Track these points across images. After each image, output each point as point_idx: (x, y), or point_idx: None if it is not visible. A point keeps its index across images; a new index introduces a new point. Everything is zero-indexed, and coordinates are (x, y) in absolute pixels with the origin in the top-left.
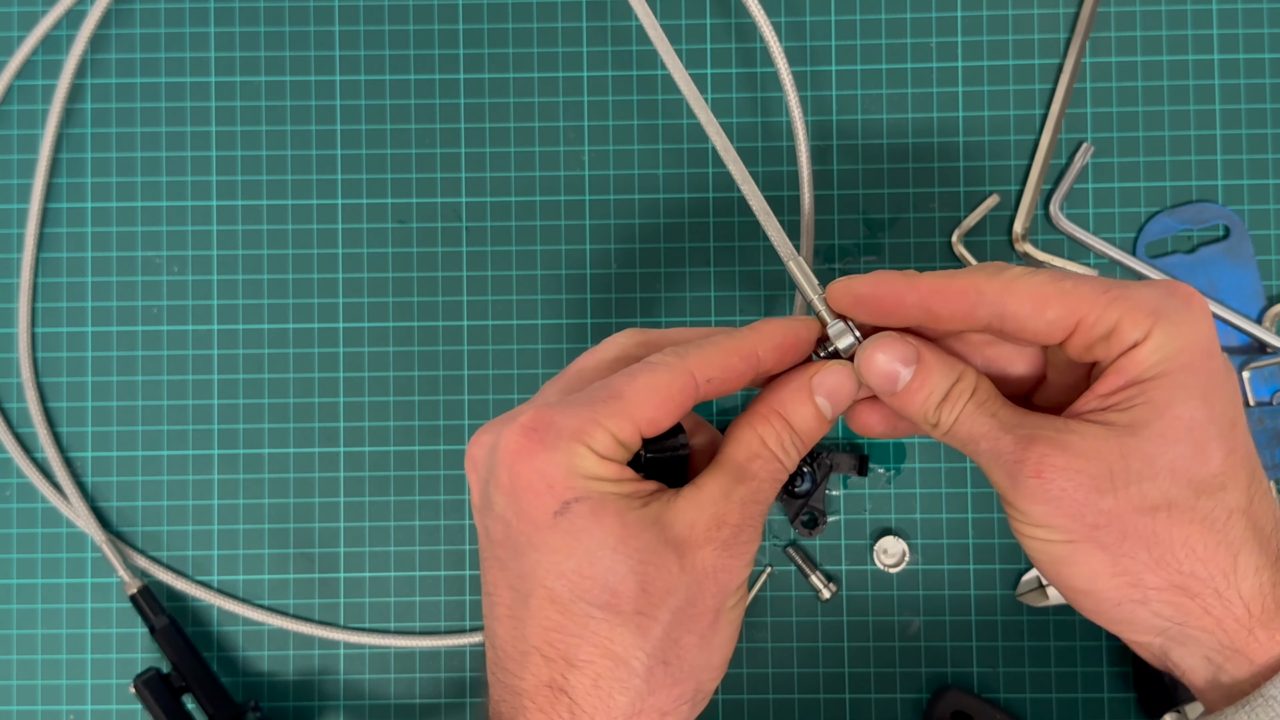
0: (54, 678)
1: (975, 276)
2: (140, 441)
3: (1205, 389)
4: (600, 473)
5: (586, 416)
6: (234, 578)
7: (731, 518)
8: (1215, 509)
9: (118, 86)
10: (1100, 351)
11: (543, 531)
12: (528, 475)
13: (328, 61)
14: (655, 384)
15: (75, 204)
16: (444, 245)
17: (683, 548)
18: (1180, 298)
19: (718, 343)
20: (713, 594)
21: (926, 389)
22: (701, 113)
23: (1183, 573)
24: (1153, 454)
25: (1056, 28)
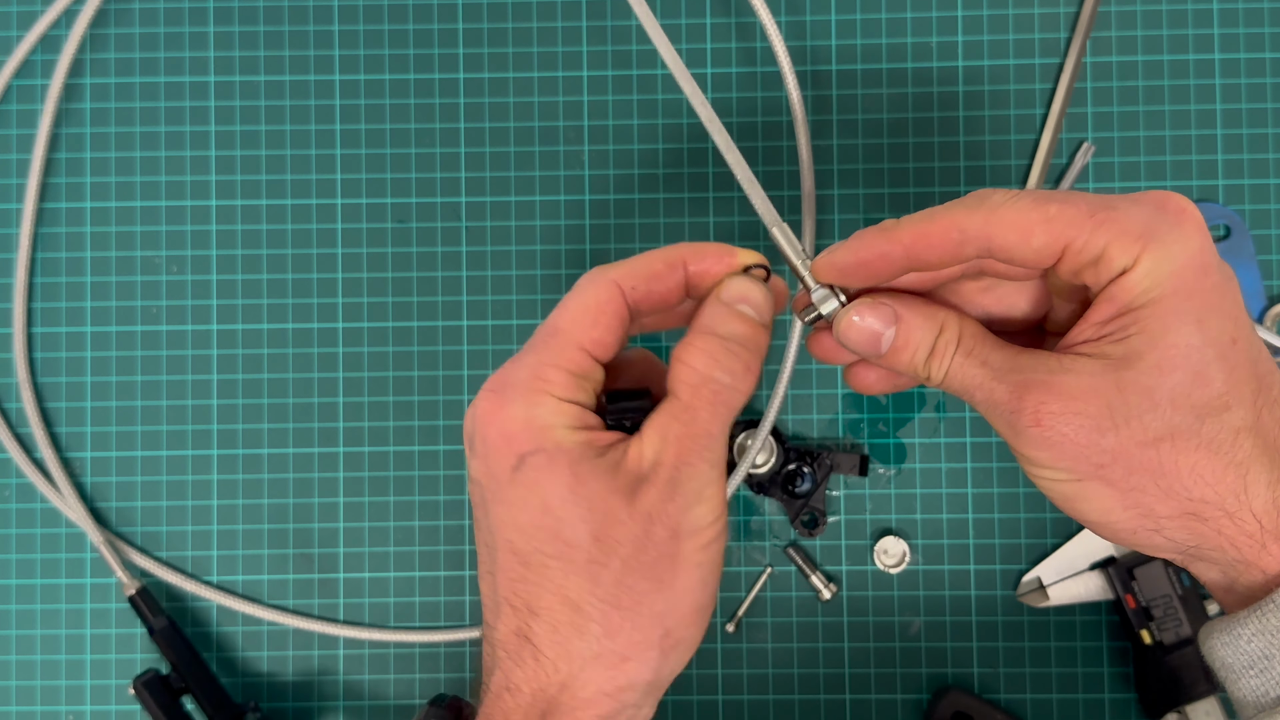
0: (53, 678)
1: (955, 214)
2: (139, 442)
3: (1200, 311)
4: (559, 419)
5: (535, 363)
6: (233, 578)
7: (667, 456)
8: (1220, 431)
9: (117, 86)
10: (1089, 277)
11: (504, 487)
12: (492, 436)
13: (327, 61)
14: (585, 304)
15: (74, 204)
16: (444, 245)
17: (630, 492)
18: (1171, 214)
19: (642, 254)
20: (664, 537)
21: (911, 346)
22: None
23: (1192, 499)
24: (1151, 386)
25: (1057, 27)
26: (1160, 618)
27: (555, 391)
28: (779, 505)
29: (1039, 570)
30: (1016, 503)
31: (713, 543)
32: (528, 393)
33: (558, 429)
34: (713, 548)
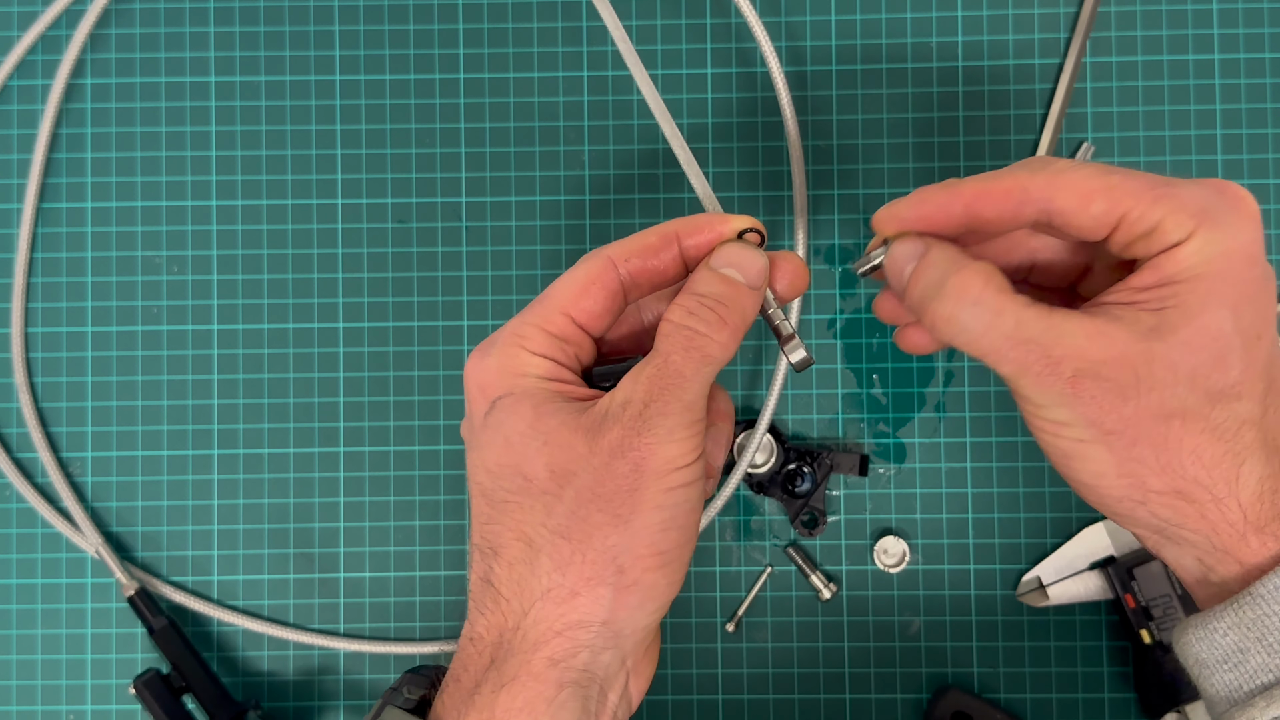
0: (54, 678)
1: (1019, 175)
2: (140, 441)
3: (1238, 298)
4: (530, 368)
5: (517, 323)
6: (234, 577)
7: (637, 394)
8: (1228, 419)
9: (117, 86)
10: (1140, 249)
11: (478, 432)
12: (471, 388)
13: (328, 61)
14: (575, 275)
15: (75, 204)
16: (444, 245)
17: (592, 430)
18: (1229, 199)
19: (637, 234)
20: (626, 472)
21: (922, 281)
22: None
23: (1186, 478)
24: (1177, 361)
25: (1057, 27)
26: (1160, 617)
27: (530, 346)
28: (779, 505)
29: (1039, 570)
30: (1016, 502)
31: (682, 487)
32: (505, 346)
33: (528, 376)
34: (681, 493)
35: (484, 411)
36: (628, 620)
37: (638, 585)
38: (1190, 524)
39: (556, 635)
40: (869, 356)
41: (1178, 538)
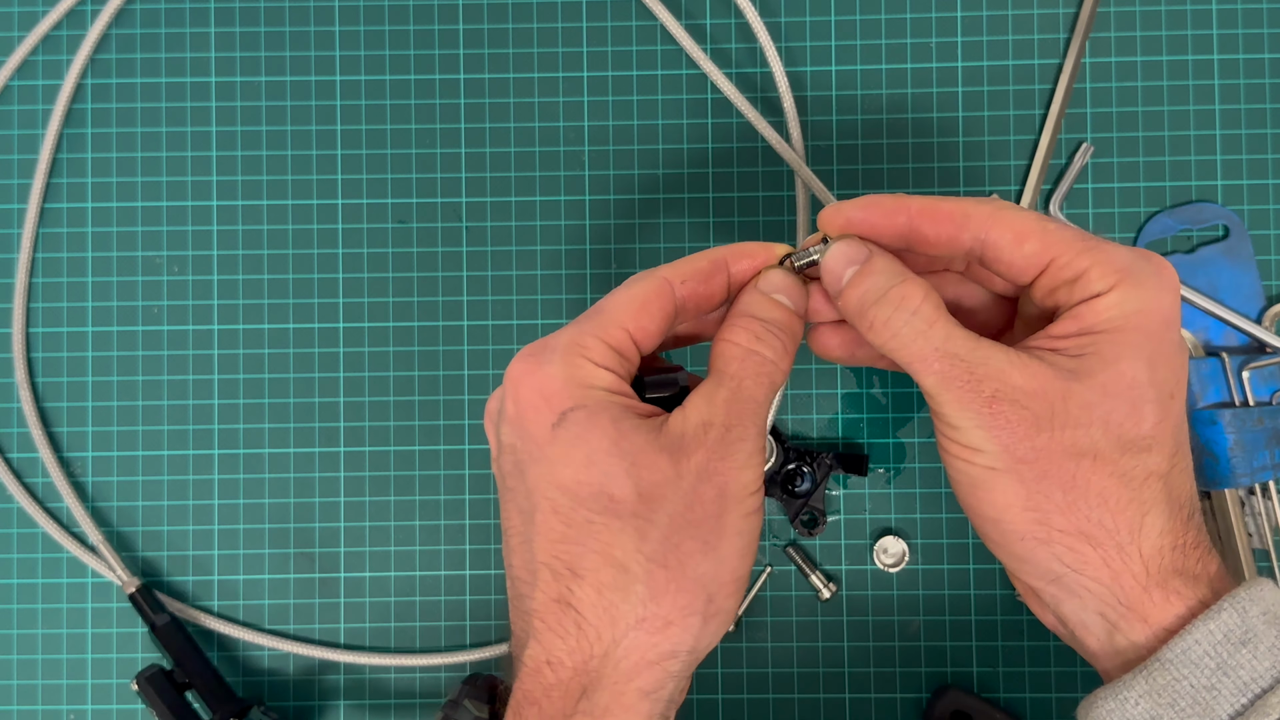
0: (54, 677)
1: (964, 202)
2: (141, 441)
3: (1153, 354)
4: (596, 379)
5: (575, 332)
6: (234, 577)
7: (717, 417)
8: (1136, 468)
9: (118, 86)
10: (1063, 295)
11: (543, 445)
12: (528, 395)
13: (328, 61)
14: (633, 293)
15: (75, 204)
16: (444, 245)
17: (675, 452)
18: (1154, 265)
19: (690, 258)
20: (712, 498)
21: (865, 284)
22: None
23: (1091, 521)
24: (1092, 403)
25: (1056, 28)
26: None
27: (593, 357)
28: (779, 505)
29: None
30: None
31: (754, 514)
32: (566, 355)
33: (597, 389)
34: (755, 518)
35: (550, 422)
36: (707, 647)
37: (721, 613)
38: (1091, 570)
39: (650, 666)
40: None
41: (1078, 588)
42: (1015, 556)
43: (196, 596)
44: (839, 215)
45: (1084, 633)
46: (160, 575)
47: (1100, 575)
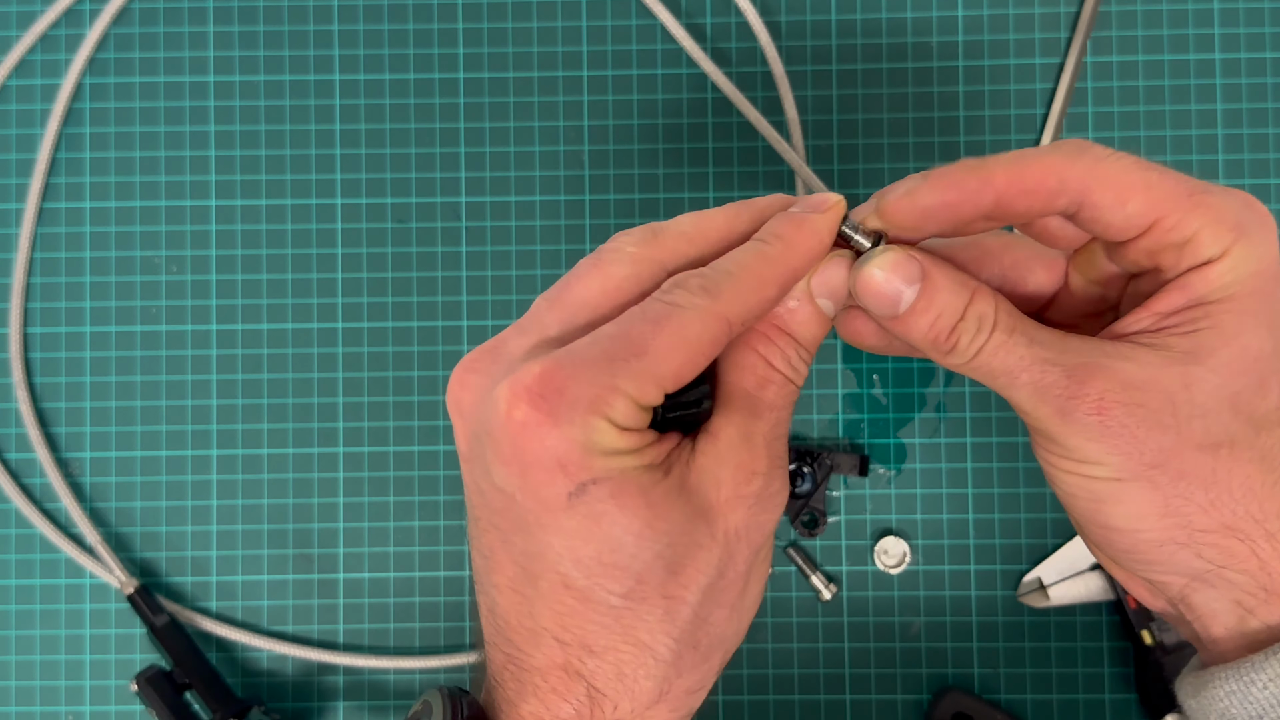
0: (53, 679)
1: (1053, 159)
2: (139, 442)
3: (1273, 317)
4: (619, 446)
5: (605, 383)
6: (233, 578)
7: (760, 464)
8: (1274, 446)
9: (116, 86)
10: (1168, 259)
11: (555, 513)
12: (536, 452)
13: (327, 61)
14: (685, 335)
15: (74, 204)
16: (444, 245)
17: (712, 514)
18: (1259, 213)
19: (752, 272)
20: (744, 557)
21: (934, 311)
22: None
23: (1237, 514)
24: (1218, 385)
25: (1057, 27)
26: (1161, 618)
27: (618, 419)
28: None
29: (1039, 570)
30: (1017, 503)
31: (770, 548)
32: (587, 414)
33: (623, 456)
34: (770, 554)
35: (566, 491)
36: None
37: (729, 656)
38: (1239, 563)
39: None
40: (869, 356)
41: (1218, 580)
42: (1145, 562)
43: (195, 597)
44: (911, 206)
45: (1210, 620)
46: (159, 576)
47: (1248, 566)
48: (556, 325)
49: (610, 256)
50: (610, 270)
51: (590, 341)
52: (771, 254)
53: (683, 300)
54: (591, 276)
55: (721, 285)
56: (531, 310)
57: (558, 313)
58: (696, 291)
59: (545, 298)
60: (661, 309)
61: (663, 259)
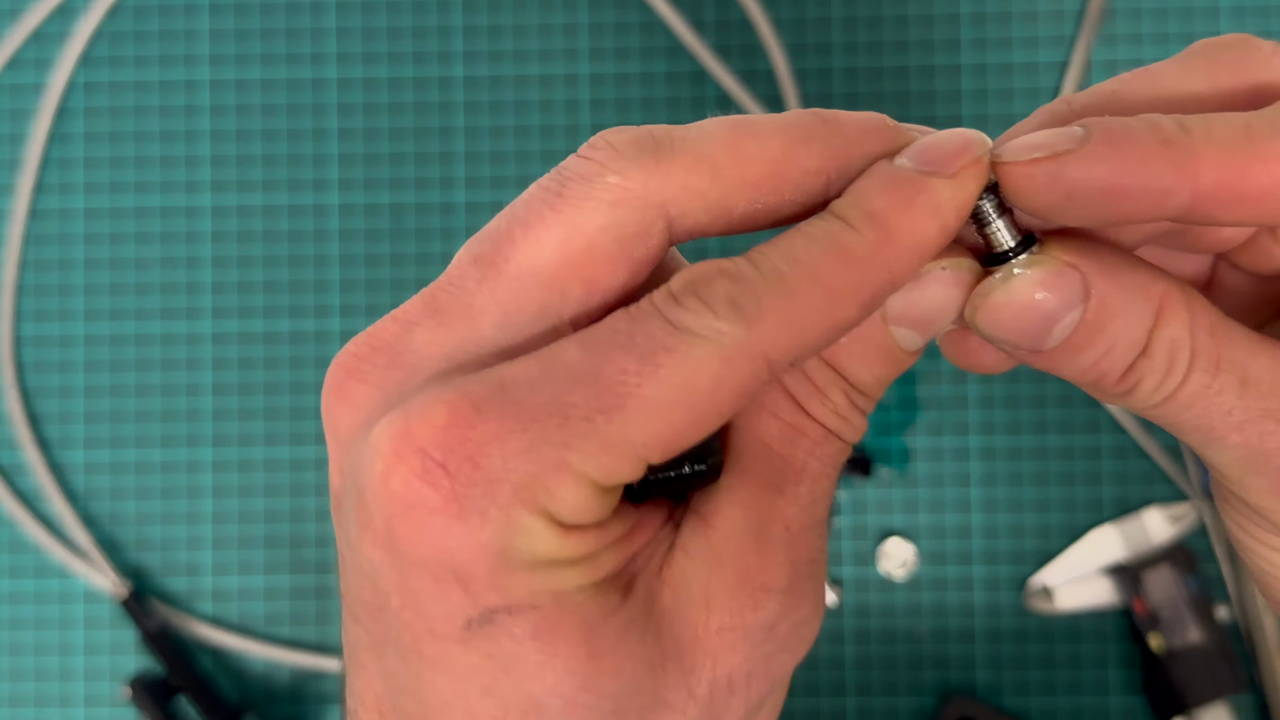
0: (45, 683)
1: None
2: (132, 443)
3: None
4: (557, 554)
5: (550, 455)
6: (228, 579)
7: (777, 574)
8: None
9: (110, 84)
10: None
11: (445, 643)
12: (422, 551)
13: (323, 58)
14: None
15: (67, 203)
16: (442, 244)
17: (693, 655)
18: None
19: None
20: (740, 709)
21: (1102, 343)
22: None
23: None
24: None
25: (1062, 24)
26: (1168, 622)
27: (562, 513)
28: None
29: (1045, 574)
30: (1021, 505)
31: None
32: (511, 504)
33: (556, 570)
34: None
35: (464, 617)
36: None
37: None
38: None
39: None
40: None
41: None
42: None
43: (189, 601)
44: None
45: None
46: (152, 580)
47: None
48: (490, 315)
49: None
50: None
51: (539, 375)
52: (857, 249)
53: (697, 324)
54: (546, 227)
55: (765, 298)
56: (452, 274)
57: (492, 289)
58: (723, 308)
59: (474, 255)
60: (661, 333)
61: (666, 200)
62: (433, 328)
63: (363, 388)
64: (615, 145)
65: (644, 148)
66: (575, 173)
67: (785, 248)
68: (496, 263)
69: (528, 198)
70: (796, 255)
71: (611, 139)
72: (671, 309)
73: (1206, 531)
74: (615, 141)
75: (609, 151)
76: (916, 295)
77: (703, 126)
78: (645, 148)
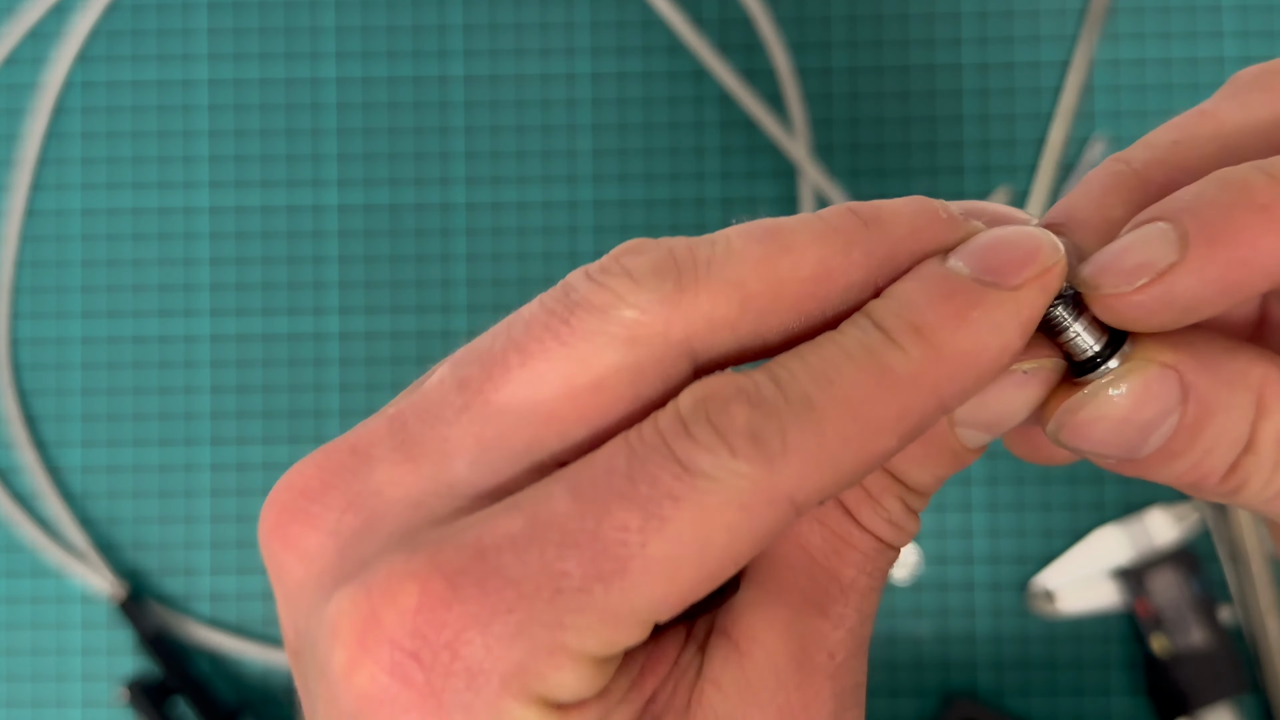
0: (41, 685)
1: None
2: (130, 444)
3: None
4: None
5: (542, 638)
6: (226, 580)
7: (821, 713)
8: None
9: (107, 83)
10: None
11: None
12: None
13: (322, 57)
14: (707, 536)
15: (64, 203)
16: (442, 245)
17: None
18: None
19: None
20: None
21: (1201, 447)
22: None
23: None
24: None
25: (1065, 22)
26: (1172, 624)
27: (562, 695)
28: None
29: (1048, 578)
30: (1024, 505)
31: None
32: (500, 695)
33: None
34: None
35: None
36: None
37: None
38: None
39: None
40: None
41: None
42: None
43: (186, 602)
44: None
45: None
46: (149, 581)
47: None
48: (467, 452)
49: (589, 325)
50: (586, 355)
51: (525, 536)
52: (901, 369)
53: (711, 465)
54: (549, 359)
55: (790, 431)
56: (430, 395)
57: (473, 421)
58: (741, 443)
59: (459, 378)
60: (669, 477)
61: (690, 335)
62: (398, 464)
63: (313, 535)
64: (634, 274)
65: (665, 276)
66: (586, 300)
67: (815, 365)
68: (484, 391)
69: (528, 319)
70: (828, 375)
71: (630, 264)
72: (681, 443)
73: (1209, 533)
74: (634, 269)
75: (626, 282)
76: (988, 398)
77: (730, 243)
78: (666, 276)
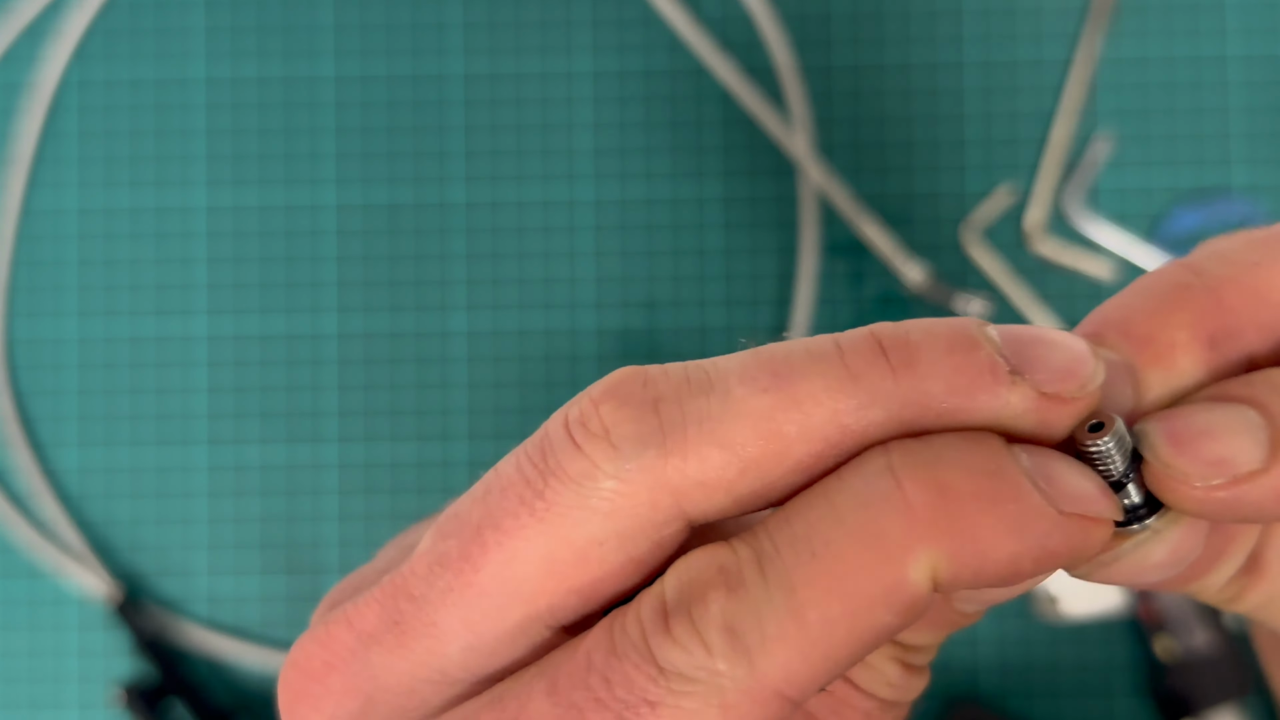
0: (37, 687)
1: None
2: (127, 445)
3: None
4: None
5: None
6: (223, 581)
7: None
8: None
9: (104, 81)
10: None
11: None
12: None
13: (321, 55)
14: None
15: (60, 202)
16: (442, 246)
17: None
18: None
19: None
20: None
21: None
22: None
23: None
24: None
25: (1068, 20)
26: (1175, 626)
27: None
28: None
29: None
30: None
31: None
32: None
33: None
34: None
35: None
36: None
37: None
38: None
39: None
40: None
41: None
42: None
43: (183, 604)
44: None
45: None
46: (146, 583)
47: None
48: (457, 636)
49: (565, 498)
50: (563, 531)
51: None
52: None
53: (687, 665)
54: (525, 536)
55: (769, 620)
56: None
57: (457, 603)
58: (718, 640)
59: (438, 555)
60: (644, 680)
61: (679, 499)
62: (392, 649)
63: (316, 717)
64: (613, 437)
65: (648, 442)
66: (561, 469)
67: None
68: (464, 572)
69: (503, 487)
70: (813, 548)
71: (610, 421)
72: (658, 640)
73: None
74: (614, 430)
75: (605, 448)
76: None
77: (729, 393)
78: (649, 442)
